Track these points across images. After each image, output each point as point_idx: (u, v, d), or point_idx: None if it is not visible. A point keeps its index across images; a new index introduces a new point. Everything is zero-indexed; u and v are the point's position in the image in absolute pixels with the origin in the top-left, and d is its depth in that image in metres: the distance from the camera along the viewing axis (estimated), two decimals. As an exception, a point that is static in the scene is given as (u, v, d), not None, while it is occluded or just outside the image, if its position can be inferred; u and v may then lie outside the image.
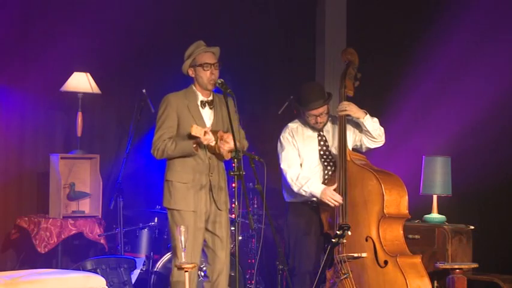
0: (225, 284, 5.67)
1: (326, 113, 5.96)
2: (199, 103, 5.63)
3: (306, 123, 6.02)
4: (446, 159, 6.66)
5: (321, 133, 6.03)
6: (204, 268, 5.82)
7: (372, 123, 5.92)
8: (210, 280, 5.65)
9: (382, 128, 5.98)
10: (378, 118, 5.98)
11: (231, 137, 5.41)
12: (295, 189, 5.91)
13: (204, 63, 5.57)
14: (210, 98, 5.67)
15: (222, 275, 5.64)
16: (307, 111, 5.92)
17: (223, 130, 5.61)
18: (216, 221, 5.62)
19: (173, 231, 5.57)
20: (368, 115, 5.90)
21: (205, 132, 5.37)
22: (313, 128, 6.01)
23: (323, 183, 5.91)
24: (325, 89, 6.15)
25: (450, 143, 7.08)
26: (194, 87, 5.65)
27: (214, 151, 5.55)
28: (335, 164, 5.94)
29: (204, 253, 5.69)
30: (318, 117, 5.93)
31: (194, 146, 5.46)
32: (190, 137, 5.40)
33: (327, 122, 6.01)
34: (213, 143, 5.45)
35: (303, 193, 5.89)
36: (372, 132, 5.93)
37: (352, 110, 5.88)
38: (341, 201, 5.76)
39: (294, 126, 6.07)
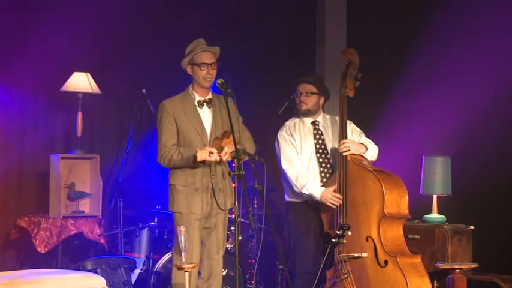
0: (219, 282, 5.68)
1: (312, 94, 6.03)
2: (196, 103, 5.64)
3: (302, 120, 6.08)
4: (446, 159, 6.66)
5: (317, 127, 6.07)
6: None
7: (370, 155, 6.00)
8: (202, 277, 5.66)
9: (376, 150, 6.06)
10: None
11: (227, 155, 5.44)
12: (296, 190, 5.93)
13: (201, 63, 5.58)
14: (209, 96, 5.68)
15: (217, 272, 5.66)
16: (296, 87, 6.04)
17: (223, 131, 5.61)
18: (214, 219, 5.64)
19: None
20: (367, 150, 5.96)
21: (210, 153, 5.41)
22: (308, 122, 6.05)
23: (321, 180, 5.95)
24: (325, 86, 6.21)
25: (450, 143, 7.07)
26: (191, 88, 5.67)
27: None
28: (330, 160, 6.00)
29: None
30: (303, 95, 6.02)
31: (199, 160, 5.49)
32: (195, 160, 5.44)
33: (314, 109, 6.05)
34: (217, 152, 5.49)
35: (303, 194, 5.91)
36: (369, 159, 6.01)
37: (354, 148, 5.91)
38: (340, 201, 5.77)
39: (291, 123, 6.12)
